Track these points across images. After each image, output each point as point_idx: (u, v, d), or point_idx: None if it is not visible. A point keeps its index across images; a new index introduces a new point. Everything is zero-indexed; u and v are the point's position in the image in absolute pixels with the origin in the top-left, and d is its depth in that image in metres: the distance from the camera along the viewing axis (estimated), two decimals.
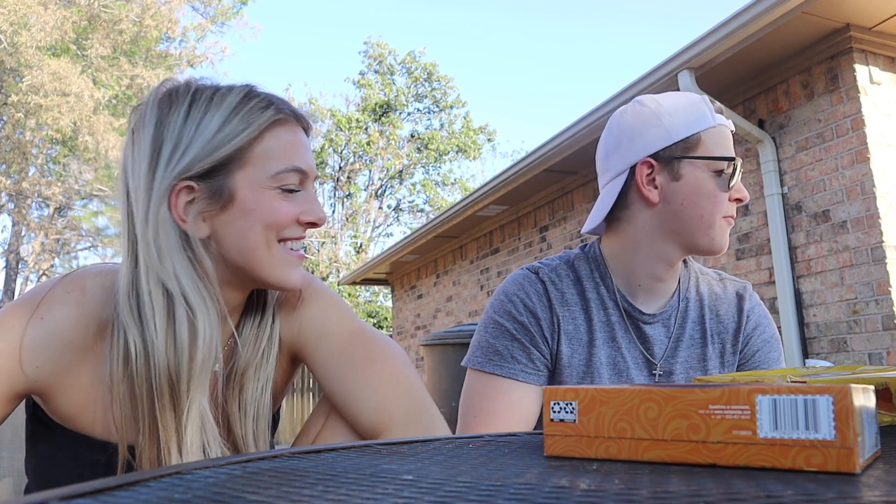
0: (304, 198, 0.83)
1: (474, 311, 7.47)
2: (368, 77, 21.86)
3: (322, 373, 0.90)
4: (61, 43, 14.84)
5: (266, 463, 0.41)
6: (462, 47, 44.88)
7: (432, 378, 4.26)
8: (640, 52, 52.48)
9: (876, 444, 0.40)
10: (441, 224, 7.21)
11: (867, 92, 3.43)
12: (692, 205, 1.05)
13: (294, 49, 43.25)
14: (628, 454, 0.41)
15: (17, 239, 18.84)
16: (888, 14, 3.32)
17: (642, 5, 52.69)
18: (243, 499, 0.30)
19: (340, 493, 0.31)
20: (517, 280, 1.13)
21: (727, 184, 1.05)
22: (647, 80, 4.07)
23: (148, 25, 15.79)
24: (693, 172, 1.05)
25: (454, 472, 0.37)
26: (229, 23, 18.56)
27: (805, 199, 3.67)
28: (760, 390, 0.38)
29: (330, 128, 21.36)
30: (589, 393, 0.43)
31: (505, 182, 5.82)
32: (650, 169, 1.07)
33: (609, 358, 1.09)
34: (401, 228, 22.50)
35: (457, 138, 21.58)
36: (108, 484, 0.32)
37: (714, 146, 1.06)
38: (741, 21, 3.38)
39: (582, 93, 48.72)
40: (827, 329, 3.53)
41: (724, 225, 1.07)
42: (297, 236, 0.83)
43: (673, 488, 0.32)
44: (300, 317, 0.91)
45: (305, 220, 0.83)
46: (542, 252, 6.19)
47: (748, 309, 1.16)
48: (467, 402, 1.10)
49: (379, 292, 20.05)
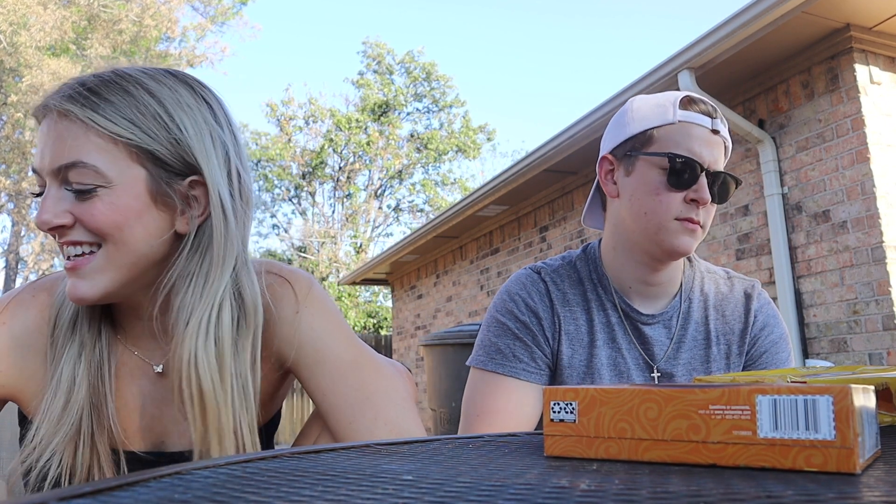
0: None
1: (474, 311, 7.47)
2: (367, 77, 21.88)
3: (317, 399, 0.85)
4: (61, 43, 14.85)
5: (266, 463, 0.41)
6: (461, 47, 44.89)
7: (432, 378, 4.26)
8: (640, 52, 52.51)
9: (876, 444, 0.40)
10: (441, 224, 7.21)
11: (867, 92, 3.43)
12: (637, 201, 1.05)
13: (294, 49, 43.26)
14: (628, 454, 0.41)
15: (16, 239, 18.86)
16: (888, 14, 3.32)
17: (642, 5, 52.69)
18: (243, 499, 0.30)
19: (340, 493, 0.31)
20: (520, 279, 1.14)
21: (680, 182, 1.01)
22: (647, 80, 4.07)
23: (148, 25, 15.80)
24: (642, 169, 1.05)
25: (454, 472, 0.37)
26: (229, 23, 18.59)
27: (805, 199, 3.67)
28: (760, 390, 0.38)
29: (330, 128, 21.37)
30: (589, 393, 0.43)
31: (505, 182, 5.82)
32: (610, 165, 1.11)
33: (610, 359, 1.09)
34: (401, 228, 22.53)
35: (456, 138, 21.59)
36: (108, 484, 0.32)
37: (669, 143, 1.02)
38: (741, 21, 3.38)
39: (582, 93, 48.75)
40: (827, 329, 3.53)
41: (676, 227, 1.02)
42: (61, 243, 0.75)
43: (673, 488, 0.32)
44: (299, 329, 0.85)
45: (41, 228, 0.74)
46: (542, 252, 6.19)
47: (756, 308, 1.14)
48: (470, 400, 1.10)
49: (379, 292, 20.05)
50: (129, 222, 0.73)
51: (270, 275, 0.87)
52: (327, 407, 0.84)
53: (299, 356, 0.84)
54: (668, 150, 1.02)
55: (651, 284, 1.10)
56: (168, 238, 0.77)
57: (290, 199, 22.24)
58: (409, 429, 0.84)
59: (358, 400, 0.83)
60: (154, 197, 0.75)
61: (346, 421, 0.83)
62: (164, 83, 0.77)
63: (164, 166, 0.75)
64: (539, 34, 48.43)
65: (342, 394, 0.83)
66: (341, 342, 0.85)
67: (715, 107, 1.06)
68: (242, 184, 0.82)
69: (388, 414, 0.83)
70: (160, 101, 0.75)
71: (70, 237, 0.73)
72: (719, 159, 1.05)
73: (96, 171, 0.72)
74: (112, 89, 0.74)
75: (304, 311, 0.85)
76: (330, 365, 0.84)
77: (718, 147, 1.05)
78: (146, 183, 0.74)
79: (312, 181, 21.82)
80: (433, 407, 4.28)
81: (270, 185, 21.83)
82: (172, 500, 0.30)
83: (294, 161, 21.63)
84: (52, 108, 0.73)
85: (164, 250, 0.77)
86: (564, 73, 50.43)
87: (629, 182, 1.07)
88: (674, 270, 1.12)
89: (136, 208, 0.74)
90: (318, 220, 21.96)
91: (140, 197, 0.74)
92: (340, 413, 0.83)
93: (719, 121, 1.05)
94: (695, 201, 1.01)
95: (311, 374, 0.84)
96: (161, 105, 0.75)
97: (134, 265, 0.75)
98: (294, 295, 0.85)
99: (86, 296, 0.74)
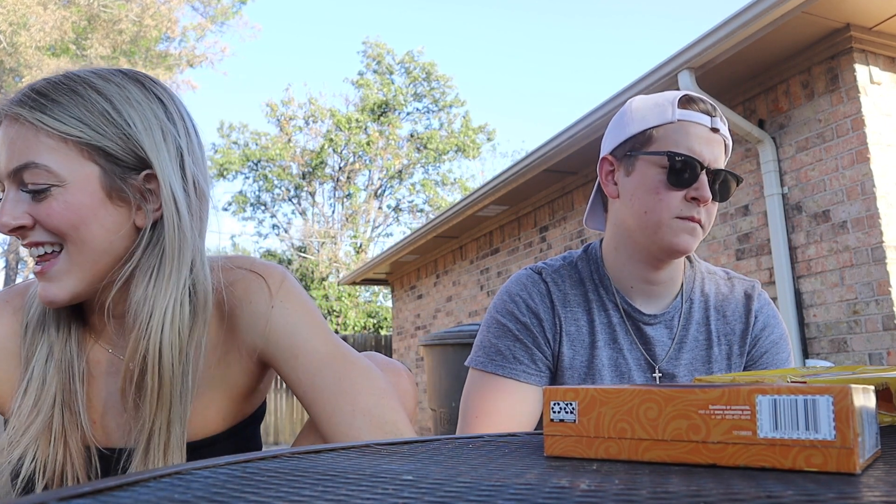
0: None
1: (474, 311, 7.47)
2: (367, 77, 21.87)
3: (298, 394, 0.85)
4: (61, 43, 14.84)
5: (266, 463, 0.41)
6: (461, 47, 44.91)
7: (432, 378, 4.26)
8: (640, 52, 52.52)
9: (876, 444, 0.40)
10: (441, 224, 7.21)
11: (867, 92, 3.43)
12: (638, 200, 1.05)
13: (294, 49, 43.27)
14: (628, 454, 0.41)
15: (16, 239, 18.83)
16: (888, 14, 3.32)
17: (642, 5, 52.71)
18: (243, 499, 0.30)
19: (340, 493, 0.31)
20: (520, 280, 1.13)
21: (680, 181, 1.01)
22: (647, 80, 4.07)
23: (147, 25, 15.79)
24: (642, 168, 1.05)
25: (454, 472, 0.37)
26: (229, 23, 18.58)
27: (805, 199, 3.67)
28: (760, 390, 0.38)
29: (329, 128, 21.37)
30: (589, 393, 0.43)
31: (505, 182, 5.82)
32: (611, 166, 1.11)
33: (611, 360, 1.09)
34: (401, 228, 22.51)
35: (456, 138, 21.58)
36: (108, 484, 0.32)
37: (669, 143, 1.02)
38: (741, 21, 3.38)
39: (582, 93, 48.75)
40: (827, 329, 3.53)
41: (677, 225, 1.02)
42: (25, 245, 0.76)
43: (673, 488, 0.32)
44: (273, 323, 0.84)
45: (2, 231, 0.75)
46: (542, 252, 6.19)
47: (756, 309, 1.14)
48: (469, 401, 1.10)
49: (379, 292, 20.05)
50: (85, 219, 0.74)
51: (243, 270, 0.87)
52: (308, 401, 0.84)
53: (276, 350, 0.85)
54: (667, 149, 1.02)
55: (652, 283, 1.10)
56: (127, 233, 0.78)
57: (290, 199, 22.25)
58: (390, 419, 0.83)
59: (335, 393, 0.83)
60: (109, 192, 0.76)
61: (327, 415, 0.83)
62: (111, 81, 0.78)
63: (117, 161, 0.76)
64: (539, 34, 48.45)
65: (320, 387, 0.83)
66: (317, 336, 0.86)
67: (714, 105, 1.06)
68: (197, 179, 0.83)
69: (366, 405, 0.83)
70: (107, 98, 0.76)
71: (32, 238, 0.75)
72: (719, 157, 1.04)
73: (48, 171, 0.73)
74: (60, 91, 0.76)
75: (279, 305, 0.85)
76: (306, 359, 0.84)
77: (718, 145, 1.04)
78: (100, 179, 0.76)
79: (312, 181, 21.82)
80: (433, 407, 4.28)
81: (270, 185, 21.83)
82: (172, 500, 0.30)
83: (294, 161, 21.63)
84: (3, 113, 0.75)
85: (125, 245, 0.78)
86: (564, 73, 50.46)
87: (629, 182, 1.07)
88: (675, 270, 1.12)
89: (92, 205, 0.75)
90: (318, 220, 21.98)
91: (95, 193, 0.75)
92: (320, 407, 0.83)
93: (718, 119, 1.05)
94: (695, 199, 1.01)
95: (289, 368, 0.85)
96: (108, 102, 0.76)
97: (97, 262, 0.77)
98: (267, 289, 0.85)
99: (56, 298, 0.76)
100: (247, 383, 0.89)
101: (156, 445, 0.78)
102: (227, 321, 0.86)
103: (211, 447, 0.88)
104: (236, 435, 0.91)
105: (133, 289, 0.77)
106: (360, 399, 0.83)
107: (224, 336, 0.86)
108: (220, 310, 0.85)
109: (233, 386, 0.88)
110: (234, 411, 0.90)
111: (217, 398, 0.87)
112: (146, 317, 0.76)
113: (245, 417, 0.93)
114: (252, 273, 0.87)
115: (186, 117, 0.85)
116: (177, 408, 0.78)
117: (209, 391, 0.86)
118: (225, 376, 0.87)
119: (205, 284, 0.81)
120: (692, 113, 1.03)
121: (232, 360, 0.87)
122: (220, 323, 0.86)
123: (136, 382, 0.77)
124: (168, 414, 0.78)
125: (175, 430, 0.78)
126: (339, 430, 0.82)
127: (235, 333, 0.86)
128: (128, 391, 0.78)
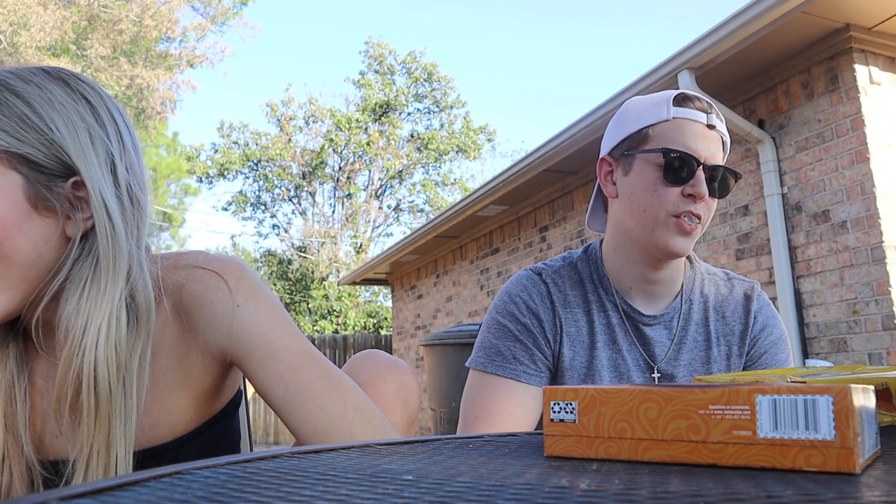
0: None
1: (474, 311, 7.47)
2: (368, 77, 21.86)
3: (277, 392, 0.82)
4: (61, 43, 14.85)
5: (266, 463, 0.41)
6: (462, 47, 44.91)
7: (432, 378, 4.26)
8: (640, 52, 52.53)
9: (876, 444, 0.40)
10: (441, 224, 7.21)
11: (867, 92, 3.43)
12: (636, 199, 1.05)
13: (294, 49, 43.25)
14: (628, 454, 0.41)
15: None
16: (888, 14, 3.32)
17: (642, 5, 52.73)
18: (243, 499, 0.30)
19: (340, 493, 0.31)
20: (520, 281, 1.14)
21: (677, 177, 1.01)
22: (647, 80, 4.07)
23: (148, 25, 15.79)
24: (640, 166, 1.05)
25: (454, 472, 0.37)
26: (229, 23, 18.57)
27: (805, 199, 3.67)
28: (760, 390, 0.38)
29: (330, 128, 21.37)
30: (589, 393, 0.43)
31: (505, 182, 5.82)
32: (609, 166, 1.12)
33: (610, 360, 1.09)
34: (401, 228, 22.49)
35: (457, 138, 21.58)
36: (108, 484, 0.32)
37: (665, 140, 1.03)
38: (741, 21, 3.38)
39: (582, 93, 48.76)
40: (827, 329, 3.53)
41: (673, 224, 1.02)
42: None
43: (673, 488, 0.32)
44: (239, 322, 0.81)
45: None
46: (542, 252, 6.19)
47: (756, 310, 1.14)
48: (469, 402, 1.10)
49: (379, 292, 20.05)
50: (9, 232, 0.70)
51: (196, 268, 0.83)
52: (293, 396, 0.81)
53: (247, 350, 0.81)
54: (663, 147, 1.02)
55: (652, 283, 1.10)
56: (56, 244, 0.74)
57: (290, 199, 22.24)
58: (376, 412, 0.83)
59: (325, 388, 0.81)
60: (34, 202, 0.71)
61: (318, 408, 0.81)
62: (31, 82, 0.74)
63: (41, 169, 0.72)
64: (539, 34, 48.46)
65: (307, 382, 0.81)
66: (290, 334, 0.83)
67: (710, 103, 1.07)
68: (130, 184, 0.78)
69: (356, 400, 0.82)
70: (27, 101, 0.72)
71: None
72: (717, 154, 1.04)
73: None
74: None
75: (244, 304, 0.82)
76: (284, 356, 0.81)
77: (715, 142, 1.05)
78: (23, 188, 0.71)
79: (312, 181, 21.82)
80: (433, 407, 4.28)
81: (270, 185, 21.83)
82: (172, 500, 0.30)
83: (294, 161, 21.63)
84: None
85: (54, 256, 0.73)
86: (564, 73, 50.46)
87: (627, 181, 1.07)
88: (674, 271, 1.12)
89: (16, 216, 0.70)
90: (318, 220, 21.97)
91: (18, 204, 0.71)
92: (309, 401, 0.81)
93: (714, 116, 1.05)
94: (692, 196, 1.01)
95: (263, 367, 0.81)
96: (28, 105, 0.72)
97: (27, 276, 0.72)
98: (226, 286, 0.82)
99: None
100: (211, 383, 0.86)
101: (94, 468, 0.73)
102: (184, 322, 0.82)
103: (178, 449, 0.85)
104: (205, 433, 0.88)
105: (63, 303, 0.72)
106: (350, 395, 0.82)
107: (182, 337, 0.82)
108: (177, 311, 0.82)
109: (196, 387, 0.85)
110: (202, 410, 0.87)
111: (181, 400, 0.84)
112: (79, 332, 0.71)
113: (214, 414, 0.90)
114: (206, 271, 0.83)
115: (119, 118, 0.80)
116: (116, 430, 0.73)
117: (171, 394, 0.83)
118: (187, 378, 0.83)
119: (146, 294, 0.77)
120: (687, 110, 1.03)
121: (193, 362, 0.83)
122: (176, 324, 0.82)
123: (70, 404, 0.72)
124: (107, 437, 0.73)
125: (116, 452, 0.73)
126: (333, 423, 0.80)
127: (195, 334, 0.82)
128: (61, 412, 0.73)
